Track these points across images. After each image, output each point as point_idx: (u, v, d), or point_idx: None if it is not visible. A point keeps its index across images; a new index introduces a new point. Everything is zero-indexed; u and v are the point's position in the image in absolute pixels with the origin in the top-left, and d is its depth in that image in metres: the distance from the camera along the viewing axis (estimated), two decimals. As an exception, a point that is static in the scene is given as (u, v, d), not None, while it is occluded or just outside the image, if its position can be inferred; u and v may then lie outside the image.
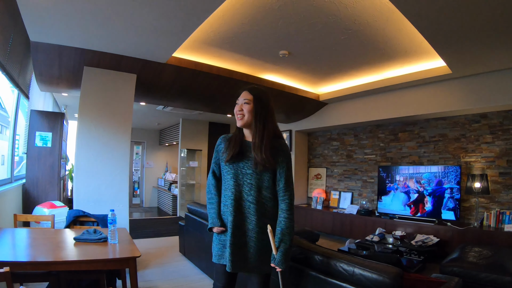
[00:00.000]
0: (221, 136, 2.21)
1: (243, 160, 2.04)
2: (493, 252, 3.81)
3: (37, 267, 2.26)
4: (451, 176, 5.18)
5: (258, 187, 2.02)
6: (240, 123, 2.06)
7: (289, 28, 3.66)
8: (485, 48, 3.68)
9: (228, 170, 2.06)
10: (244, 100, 2.05)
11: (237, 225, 2.00)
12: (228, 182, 2.06)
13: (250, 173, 2.02)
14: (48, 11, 2.99)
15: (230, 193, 2.03)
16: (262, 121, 2.05)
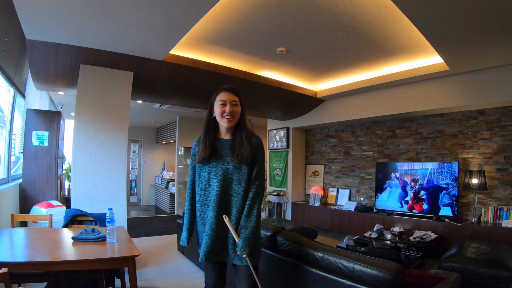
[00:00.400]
0: (194, 140, 2.28)
1: (221, 157, 2.12)
2: (491, 248, 3.82)
3: (35, 267, 2.25)
4: (449, 172, 5.19)
5: (239, 181, 2.09)
6: (229, 124, 2.11)
7: (286, 25, 3.64)
8: (483, 45, 3.68)
9: (209, 168, 2.11)
10: (233, 102, 2.12)
11: (219, 219, 2.04)
12: (210, 180, 2.10)
13: (230, 168, 2.09)
14: (44, 9, 2.96)
15: (213, 190, 2.07)
16: (245, 122, 2.19)
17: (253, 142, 2.16)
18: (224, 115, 2.09)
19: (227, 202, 2.08)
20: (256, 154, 2.14)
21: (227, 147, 2.13)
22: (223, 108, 2.10)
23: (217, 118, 2.15)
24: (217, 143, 2.16)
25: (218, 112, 2.11)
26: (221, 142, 2.16)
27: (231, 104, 2.11)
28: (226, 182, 2.08)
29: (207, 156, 2.09)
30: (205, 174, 2.12)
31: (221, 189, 2.06)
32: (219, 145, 2.15)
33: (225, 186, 2.07)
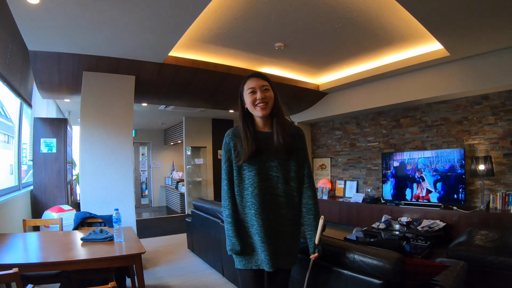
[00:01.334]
0: (227, 133, 2.01)
1: (263, 153, 1.91)
2: (500, 235, 3.77)
3: (47, 268, 2.32)
4: (455, 159, 5.18)
5: (285, 179, 1.92)
6: (264, 111, 1.90)
7: (282, 20, 3.67)
8: (482, 28, 3.65)
9: (250, 166, 1.89)
10: (263, 87, 1.91)
11: (267, 222, 1.88)
12: (251, 179, 1.89)
13: (275, 165, 1.91)
14: (43, 20, 3.06)
15: (257, 190, 1.87)
16: (280, 108, 1.98)
17: (294, 133, 2.00)
18: (257, 103, 1.89)
19: (274, 203, 1.90)
20: (301, 146, 2.00)
21: (268, 141, 1.93)
22: (254, 95, 1.90)
23: (249, 109, 1.94)
24: (258, 137, 1.93)
25: (249, 101, 1.91)
26: (262, 135, 1.95)
27: (262, 90, 1.90)
28: (271, 181, 1.90)
29: (253, 153, 1.87)
30: (246, 172, 1.91)
31: (266, 188, 1.89)
32: (260, 139, 1.93)
33: (270, 186, 1.90)
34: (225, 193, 1.94)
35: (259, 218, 1.86)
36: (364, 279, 2.05)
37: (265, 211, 1.87)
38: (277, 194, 1.90)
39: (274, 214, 1.90)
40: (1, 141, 4.32)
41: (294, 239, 1.98)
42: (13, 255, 2.43)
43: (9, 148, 4.56)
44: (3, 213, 3.48)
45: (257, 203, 1.87)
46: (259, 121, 1.98)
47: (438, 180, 5.37)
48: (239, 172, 1.93)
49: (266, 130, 1.97)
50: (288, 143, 1.90)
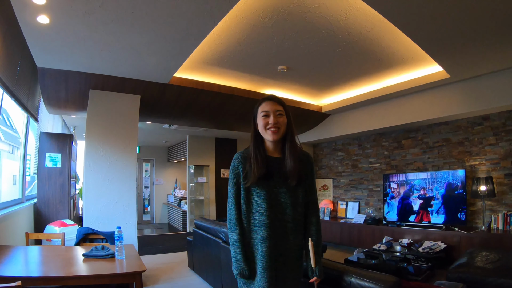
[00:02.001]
0: (236, 156, 1.98)
1: (272, 178, 1.88)
2: (500, 256, 3.76)
3: (48, 282, 2.34)
4: (456, 180, 5.19)
5: (293, 205, 1.89)
6: (275, 136, 1.87)
7: (284, 44, 3.78)
8: (480, 51, 3.72)
9: (258, 191, 1.87)
10: (277, 111, 1.89)
11: (274, 248, 1.85)
12: (259, 204, 1.86)
13: (283, 191, 1.88)
14: (52, 39, 3.17)
15: (264, 216, 1.84)
16: (293, 133, 1.96)
17: (304, 159, 1.97)
18: (268, 127, 1.87)
19: (282, 229, 1.87)
20: (309, 173, 1.97)
21: (277, 166, 1.90)
22: (267, 119, 1.87)
23: (261, 132, 1.92)
24: (268, 161, 1.91)
25: (262, 124, 1.89)
26: (271, 160, 1.92)
27: (275, 114, 1.87)
28: (279, 207, 1.87)
29: (262, 176, 1.84)
30: (254, 198, 1.88)
31: (275, 215, 1.86)
32: (270, 164, 1.90)
33: (278, 212, 1.87)
34: (233, 217, 1.91)
35: (263, 244, 1.84)
36: (361, 301, 2.05)
37: (272, 237, 1.85)
38: (286, 220, 1.88)
39: (282, 240, 1.88)
40: (6, 151, 4.39)
41: (300, 264, 1.97)
42: (15, 268, 2.47)
43: (14, 159, 4.63)
44: (6, 225, 3.52)
45: (263, 229, 1.84)
46: (270, 145, 1.95)
47: (440, 201, 5.37)
48: (247, 197, 1.89)
49: (275, 155, 1.95)
50: (298, 170, 1.88)
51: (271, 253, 1.83)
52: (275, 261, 1.85)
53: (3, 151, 4.18)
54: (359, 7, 3.06)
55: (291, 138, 1.93)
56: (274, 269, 1.84)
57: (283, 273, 1.88)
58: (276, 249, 1.85)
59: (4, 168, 4.11)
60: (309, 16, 3.20)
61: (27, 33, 3.04)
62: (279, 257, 1.87)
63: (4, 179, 4.09)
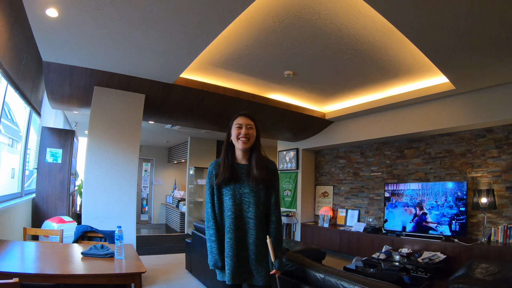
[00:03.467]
0: (211, 163, 2.33)
1: (239, 181, 2.21)
2: (500, 268, 3.72)
3: (45, 280, 2.32)
4: (458, 191, 5.16)
5: (256, 204, 2.18)
6: (245, 145, 2.20)
7: (292, 49, 3.76)
8: (487, 63, 3.71)
9: (226, 192, 2.20)
10: (248, 125, 2.23)
11: (238, 241, 2.14)
12: (227, 202, 2.19)
13: (247, 192, 2.19)
14: (60, 34, 3.15)
15: (230, 212, 2.15)
16: (259, 145, 2.29)
17: (269, 167, 2.28)
18: (240, 137, 2.20)
19: (244, 225, 2.17)
20: (272, 178, 2.27)
21: (244, 171, 2.23)
22: (239, 130, 2.21)
23: (233, 141, 2.25)
24: (235, 167, 2.24)
25: (235, 134, 2.22)
26: (239, 166, 2.25)
27: (247, 127, 2.21)
28: (243, 205, 2.18)
29: (226, 178, 2.17)
30: (222, 197, 2.21)
31: (239, 212, 2.16)
32: (237, 169, 2.24)
33: (242, 209, 2.17)
34: (209, 215, 2.23)
35: (228, 236, 2.15)
36: (362, 310, 2.03)
37: (235, 231, 2.14)
38: (249, 217, 2.17)
39: (246, 235, 2.17)
40: (6, 144, 4.36)
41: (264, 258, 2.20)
42: (11, 263, 2.44)
43: (13, 152, 4.60)
44: (4, 219, 3.49)
45: (229, 223, 2.15)
46: (239, 153, 2.28)
47: (440, 212, 5.34)
48: (218, 197, 2.23)
49: (243, 162, 2.28)
50: (261, 176, 2.19)
51: (235, 245, 2.13)
52: (239, 253, 2.14)
53: (3, 144, 4.14)
54: (369, 15, 3.05)
55: (257, 149, 2.28)
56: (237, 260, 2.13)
57: (249, 267, 2.17)
58: (241, 243, 2.15)
59: (3, 162, 4.08)
60: (319, 22, 3.19)
61: (35, 25, 3.02)
62: (245, 250, 2.17)
63: (3, 173, 4.05)
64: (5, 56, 2.99)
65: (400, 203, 5.91)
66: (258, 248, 2.16)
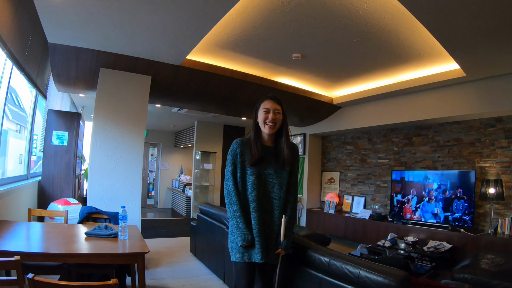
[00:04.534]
0: (236, 141, 2.32)
1: (264, 162, 2.25)
2: (506, 260, 3.70)
3: (48, 259, 2.33)
4: (466, 181, 5.10)
5: (280, 185, 2.25)
6: (271, 130, 2.25)
7: (301, 30, 3.68)
8: (500, 50, 3.61)
9: (252, 171, 2.22)
10: (276, 110, 2.25)
11: (262, 221, 2.19)
12: (251, 182, 2.21)
13: (272, 173, 2.25)
14: (65, 14, 3.11)
15: (255, 192, 2.20)
16: (287, 129, 2.33)
17: (292, 149, 2.34)
18: (267, 122, 2.24)
19: (269, 205, 2.23)
20: (294, 161, 2.34)
21: (269, 153, 2.28)
22: (266, 115, 2.24)
23: (260, 124, 2.29)
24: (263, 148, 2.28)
25: (262, 118, 2.26)
26: (265, 148, 2.29)
27: (274, 112, 2.24)
28: (268, 186, 2.24)
29: (259, 160, 2.21)
30: (248, 176, 2.23)
31: (264, 192, 2.22)
32: (264, 151, 2.27)
33: (267, 190, 2.24)
34: (232, 191, 2.24)
35: (255, 215, 2.18)
36: (368, 295, 2.01)
37: (260, 210, 2.19)
38: (272, 197, 2.25)
39: (269, 214, 2.23)
40: (13, 130, 4.36)
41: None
42: (16, 243, 2.45)
43: (21, 138, 4.61)
44: (9, 200, 3.51)
45: (254, 202, 2.19)
46: (265, 136, 2.32)
47: (447, 201, 5.29)
48: (242, 175, 2.24)
49: (269, 144, 2.33)
50: (289, 159, 2.27)
51: (260, 223, 2.18)
52: (263, 231, 2.19)
53: (11, 130, 4.15)
54: (380, -5, 2.96)
55: (285, 133, 2.31)
56: (264, 239, 2.18)
57: (268, 244, 2.21)
58: (264, 221, 2.20)
59: (11, 147, 4.09)
60: (328, 3, 3.10)
61: (40, 6, 2.97)
62: (266, 229, 2.22)
63: (11, 158, 4.07)
64: (10, 38, 2.96)
65: (407, 190, 5.87)
66: (278, 228, 2.22)
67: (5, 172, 3.75)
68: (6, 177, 3.85)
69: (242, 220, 2.18)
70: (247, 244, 2.17)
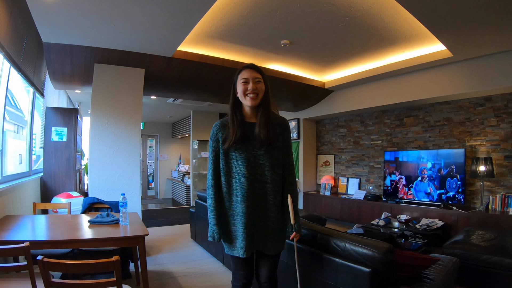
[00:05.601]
0: (215, 124, 2.08)
1: (250, 142, 1.99)
2: (496, 235, 3.83)
3: (55, 246, 2.46)
4: (456, 159, 5.23)
5: (272, 166, 1.99)
6: (254, 102, 1.98)
7: (287, 17, 3.76)
8: (485, 30, 3.67)
9: (237, 155, 1.98)
10: (256, 79, 1.99)
11: (254, 208, 1.97)
12: (239, 167, 1.97)
13: (261, 154, 1.98)
14: (58, 13, 3.21)
15: (244, 178, 1.96)
16: (269, 100, 2.05)
17: (280, 123, 2.09)
18: (247, 93, 1.97)
19: (262, 190, 1.99)
20: (286, 136, 2.10)
21: (254, 130, 2.00)
22: (246, 85, 1.98)
23: (240, 98, 2.02)
24: (245, 126, 2.02)
25: (241, 90, 1.99)
26: (248, 125, 2.03)
27: (254, 81, 1.97)
28: (258, 168, 1.98)
29: (238, 139, 1.95)
30: (231, 161, 2.00)
31: (254, 176, 1.96)
32: (247, 128, 2.01)
33: (257, 173, 1.97)
34: (210, 183, 2.04)
35: (244, 205, 1.96)
36: (353, 266, 2.14)
37: (252, 198, 1.97)
38: (264, 181, 1.99)
39: (262, 201, 1.99)
40: (11, 131, 4.45)
41: (281, 225, 2.08)
42: (23, 233, 2.60)
43: (19, 138, 4.70)
44: (14, 196, 3.63)
45: (243, 190, 1.96)
46: (248, 110, 2.06)
47: (439, 180, 5.43)
48: (226, 162, 2.01)
49: (253, 120, 2.05)
50: (270, 134, 1.99)
51: (251, 213, 1.96)
52: (255, 221, 1.98)
53: (9, 131, 4.23)
54: (361, -19, 3.04)
55: (265, 105, 2.03)
56: (253, 229, 1.98)
57: (264, 234, 2.01)
58: (256, 210, 1.98)
59: (10, 148, 4.18)
60: (312, -11, 3.18)
61: (33, 7, 3.06)
62: (260, 217, 2.00)
63: (10, 159, 4.16)
64: (6, 40, 3.06)
65: (399, 170, 6.01)
66: (275, 214, 2.02)
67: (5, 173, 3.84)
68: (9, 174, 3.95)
69: (214, 216, 2.01)
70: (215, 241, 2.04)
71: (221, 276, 3.82)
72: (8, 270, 2.21)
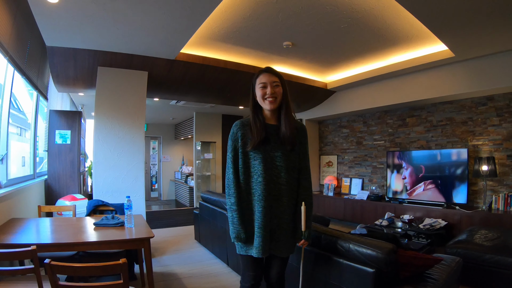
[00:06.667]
0: (235, 123, 2.12)
1: (269, 144, 2.03)
2: (499, 234, 3.82)
3: (61, 248, 2.48)
4: (459, 159, 5.23)
5: (288, 168, 2.03)
6: (272, 105, 2.03)
7: (289, 19, 3.79)
8: (486, 31, 3.68)
9: (255, 155, 2.01)
10: (274, 83, 2.03)
11: (269, 211, 1.99)
12: (256, 167, 2.01)
13: (279, 155, 2.02)
14: (61, 18, 3.23)
15: (261, 178, 1.99)
16: (288, 103, 2.10)
17: (298, 127, 2.13)
18: (266, 97, 2.02)
19: (277, 191, 2.01)
20: (304, 140, 2.15)
21: (273, 133, 2.05)
22: (264, 90, 2.03)
23: (259, 101, 2.07)
24: (267, 128, 2.06)
25: (260, 95, 2.04)
26: (269, 127, 2.07)
27: (272, 86, 2.02)
28: (275, 170, 2.01)
29: (262, 140, 1.99)
30: (250, 161, 2.03)
31: (270, 177, 2.00)
32: (268, 130, 2.06)
33: (274, 175, 2.01)
34: (231, 182, 2.04)
35: (259, 204, 1.98)
36: (357, 267, 2.15)
37: (267, 198, 1.98)
38: (280, 183, 2.01)
39: (276, 202, 2.01)
40: (15, 133, 4.48)
41: (293, 228, 2.09)
42: (29, 236, 2.61)
43: (22, 141, 4.73)
44: (18, 199, 3.65)
45: (259, 190, 1.98)
46: (267, 113, 2.10)
47: (442, 179, 5.43)
48: (245, 161, 2.04)
49: (272, 122, 2.10)
50: (293, 136, 2.04)
51: (266, 213, 1.98)
52: (270, 221, 2.00)
53: (12, 134, 4.26)
54: (362, -18, 3.06)
55: (286, 107, 2.07)
56: (268, 229, 1.99)
57: (277, 235, 2.03)
58: (271, 210, 2.00)
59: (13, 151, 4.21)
60: (313, -9, 3.20)
61: (37, 12, 3.09)
62: (274, 219, 2.01)
63: (13, 161, 4.19)
64: (10, 44, 3.09)
65: (402, 170, 6.01)
66: (287, 216, 2.04)
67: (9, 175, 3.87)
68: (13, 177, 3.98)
69: (237, 215, 2.00)
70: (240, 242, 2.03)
71: (226, 277, 3.83)
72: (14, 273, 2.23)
